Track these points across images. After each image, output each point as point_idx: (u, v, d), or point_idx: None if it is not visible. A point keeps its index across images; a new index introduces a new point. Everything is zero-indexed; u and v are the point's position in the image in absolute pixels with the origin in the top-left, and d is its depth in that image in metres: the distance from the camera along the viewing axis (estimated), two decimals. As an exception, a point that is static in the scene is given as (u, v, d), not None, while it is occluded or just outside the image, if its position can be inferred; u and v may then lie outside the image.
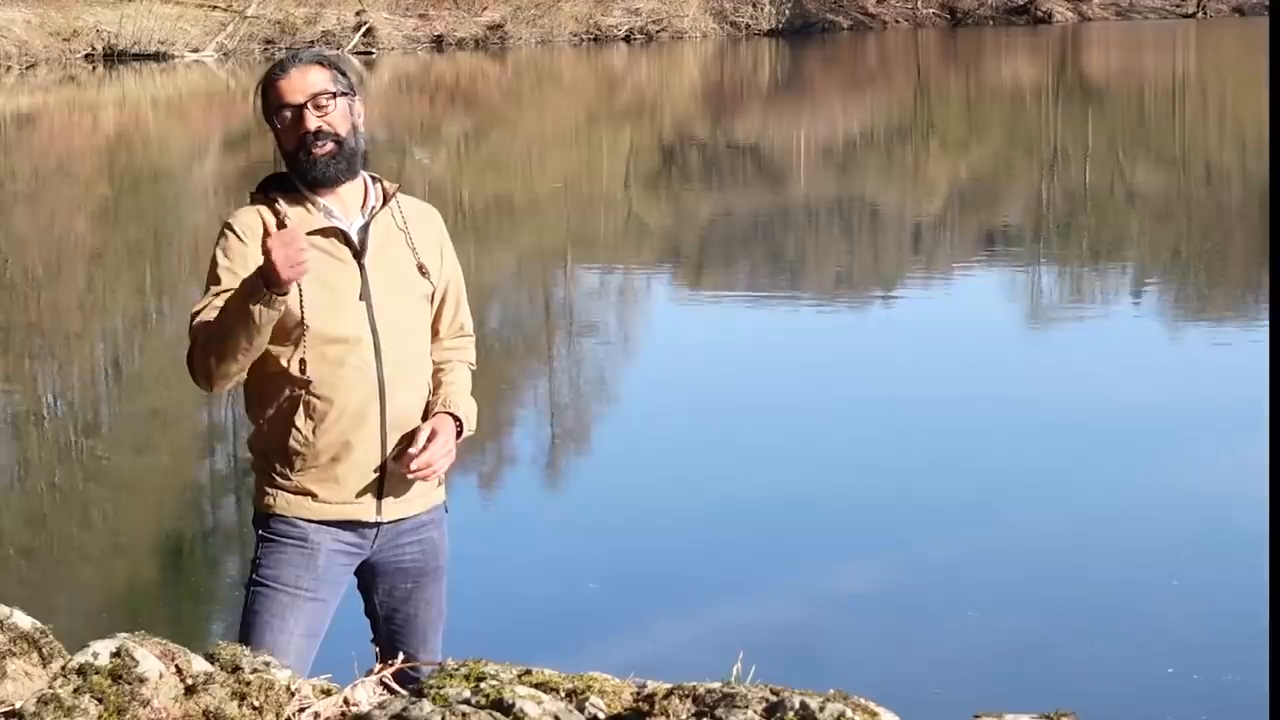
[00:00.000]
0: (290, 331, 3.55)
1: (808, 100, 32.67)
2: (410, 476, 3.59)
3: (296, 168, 3.61)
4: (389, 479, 3.64)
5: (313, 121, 3.57)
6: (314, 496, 3.61)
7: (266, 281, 3.36)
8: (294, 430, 3.59)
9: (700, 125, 28.26)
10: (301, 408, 3.58)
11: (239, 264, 3.54)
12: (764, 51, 44.88)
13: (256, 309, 3.38)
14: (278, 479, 3.63)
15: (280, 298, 3.39)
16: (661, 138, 26.57)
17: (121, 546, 7.39)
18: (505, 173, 22.08)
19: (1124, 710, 5.17)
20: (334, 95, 3.60)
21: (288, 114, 3.59)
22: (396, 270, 3.65)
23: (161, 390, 10.46)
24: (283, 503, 3.63)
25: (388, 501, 3.66)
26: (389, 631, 3.80)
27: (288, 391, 3.59)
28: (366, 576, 3.77)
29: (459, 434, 3.68)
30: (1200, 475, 7.68)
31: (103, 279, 14.44)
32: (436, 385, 3.72)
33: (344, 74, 3.68)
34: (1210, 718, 5.17)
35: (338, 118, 3.59)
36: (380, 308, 3.60)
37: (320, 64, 3.66)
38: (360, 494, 3.63)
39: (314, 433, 3.58)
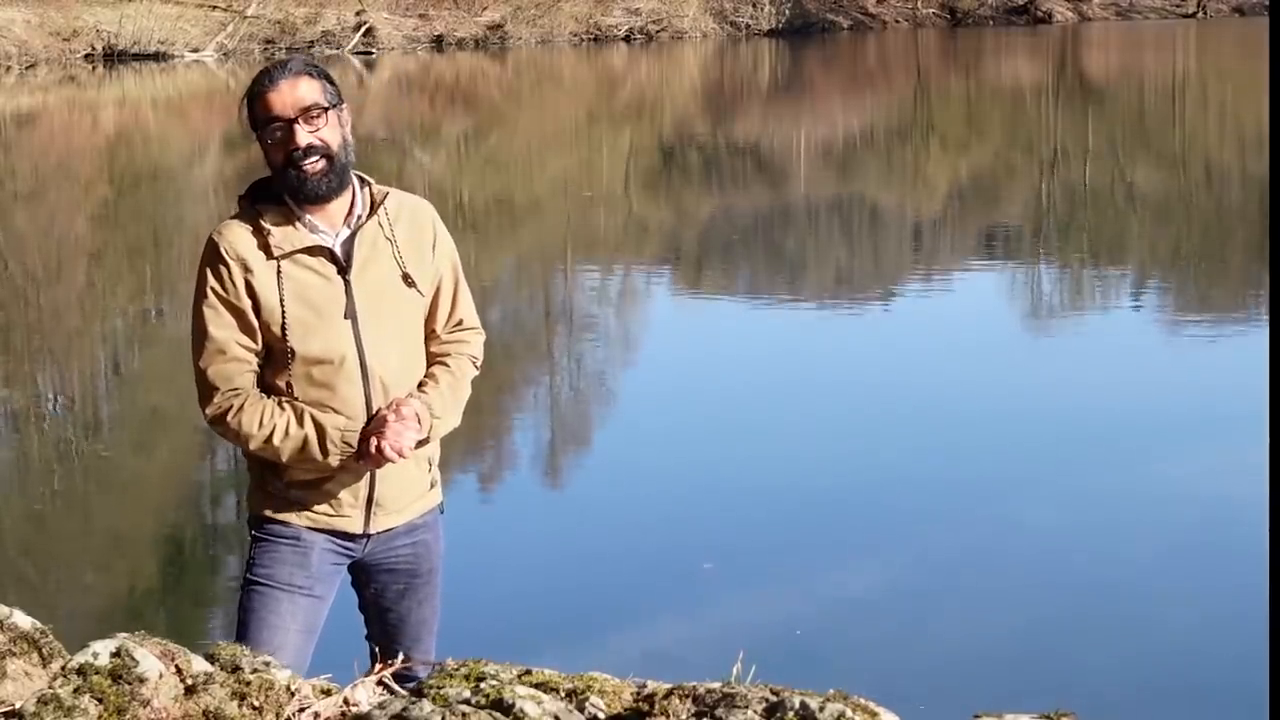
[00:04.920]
0: (276, 353, 3.52)
1: (808, 100, 32.64)
2: (373, 453, 3.51)
3: (286, 183, 3.50)
4: (378, 494, 3.63)
5: (304, 137, 3.45)
6: (304, 505, 3.61)
7: (357, 454, 3.50)
8: None
9: (700, 125, 28.23)
10: None
11: (231, 292, 3.48)
12: (764, 51, 44.85)
13: (325, 461, 3.51)
14: (269, 487, 3.63)
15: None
16: (661, 138, 26.55)
17: (121, 546, 7.38)
18: (505, 172, 22.06)
19: (1124, 710, 5.17)
20: (325, 109, 3.49)
21: (278, 130, 3.47)
22: (383, 284, 3.56)
23: (161, 390, 10.45)
24: (274, 506, 3.63)
25: (377, 515, 3.65)
26: (381, 631, 3.80)
27: None
28: (359, 575, 3.78)
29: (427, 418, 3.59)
30: (1201, 475, 7.67)
31: (103, 279, 14.43)
32: (421, 383, 3.65)
33: (332, 83, 3.56)
34: (1210, 718, 5.17)
35: (329, 131, 3.49)
36: (366, 325, 3.53)
37: (309, 74, 3.52)
38: (349, 508, 3.62)
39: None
